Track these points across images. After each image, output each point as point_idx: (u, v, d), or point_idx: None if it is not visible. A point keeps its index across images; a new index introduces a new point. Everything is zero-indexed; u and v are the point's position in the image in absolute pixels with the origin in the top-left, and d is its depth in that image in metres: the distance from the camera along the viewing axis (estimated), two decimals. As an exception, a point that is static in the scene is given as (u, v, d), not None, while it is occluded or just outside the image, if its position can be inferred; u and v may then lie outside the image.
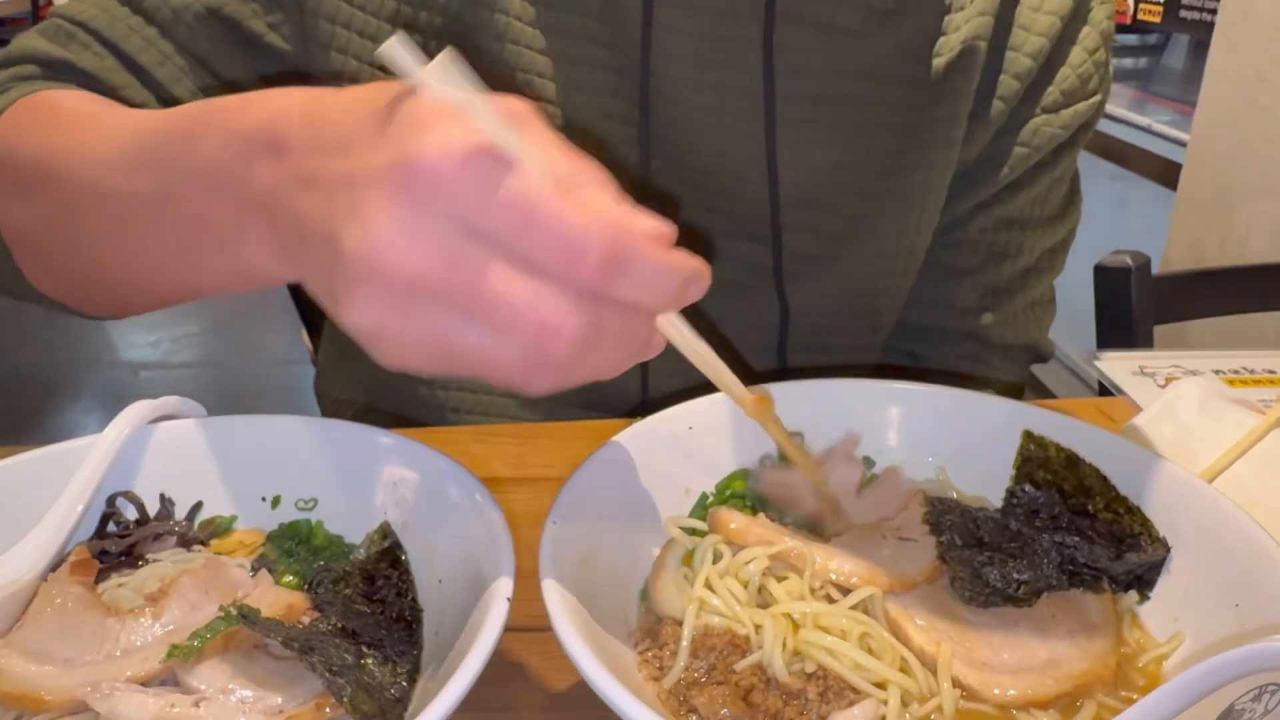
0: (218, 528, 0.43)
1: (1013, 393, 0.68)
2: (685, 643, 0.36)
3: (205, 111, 0.35)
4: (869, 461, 0.47)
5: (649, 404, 0.64)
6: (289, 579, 0.40)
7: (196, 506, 0.44)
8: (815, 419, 0.47)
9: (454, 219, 0.27)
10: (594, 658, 0.30)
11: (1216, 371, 0.73)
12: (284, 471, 0.45)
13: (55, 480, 0.41)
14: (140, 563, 0.40)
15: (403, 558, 0.40)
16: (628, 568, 0.40)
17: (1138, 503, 0.40)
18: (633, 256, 0.28)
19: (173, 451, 0.44)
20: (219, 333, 3.04)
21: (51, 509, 0.40)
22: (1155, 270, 1.68)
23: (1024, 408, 0.46)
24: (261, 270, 0.34)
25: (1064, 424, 0.44)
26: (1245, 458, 0.59)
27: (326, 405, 0.73)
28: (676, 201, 0.59)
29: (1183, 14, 2.11)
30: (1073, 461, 0.42)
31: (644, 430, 0.44)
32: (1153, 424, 0.62)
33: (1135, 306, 0.80)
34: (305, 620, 0.37)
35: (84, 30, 0.54)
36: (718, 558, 0.39)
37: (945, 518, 0.41)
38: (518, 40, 0.54)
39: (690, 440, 0.45)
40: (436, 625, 0.38)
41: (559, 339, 0.28)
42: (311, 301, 0.33)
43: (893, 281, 0.64)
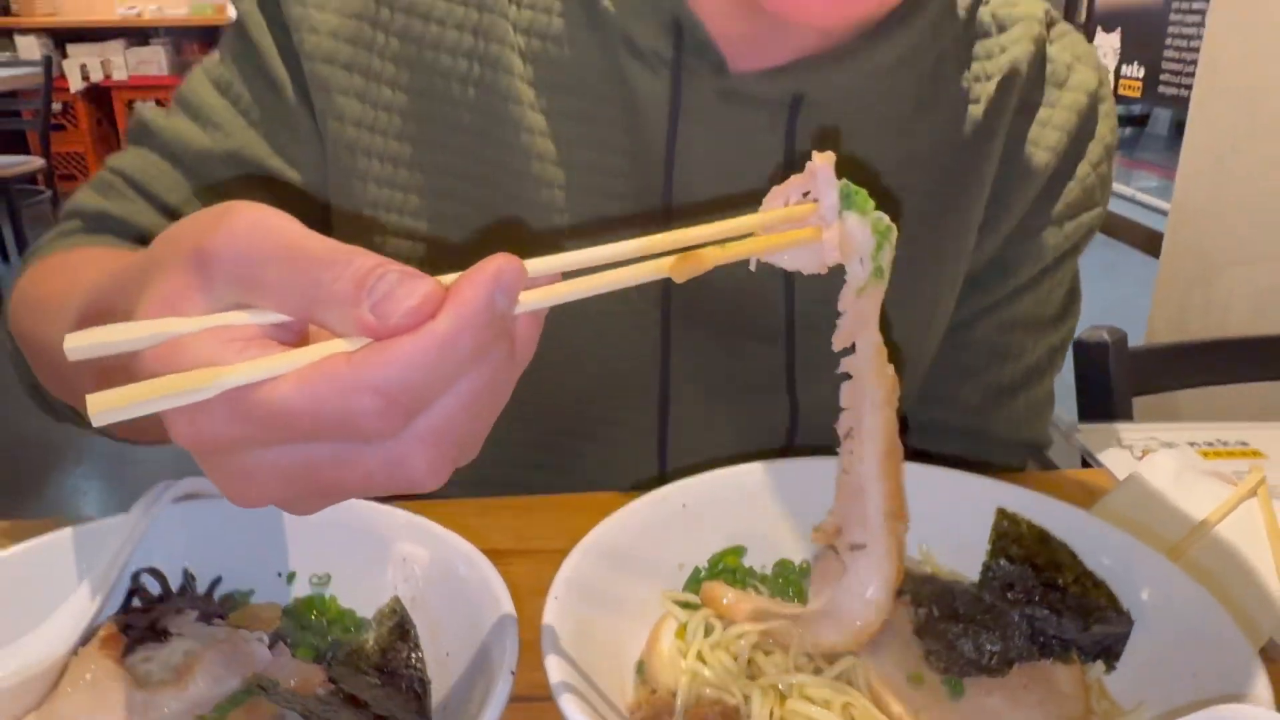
0: (235, 602, 0.46)
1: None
2: (679, 714, 0.38)
3: (103, 287, 0.37)
4: (853, 536, 0.50)
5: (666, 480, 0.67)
6: (304, 651, 0.43)
7: (216, 581, 0.46)
8: (796, 497, 0.49)
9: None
10: (593, 728, 0.33)
11: (1191, 443, 0.76)
12: (298, 548, 0.47)
13: (83, 558, 0.44)
14: (164, 636, 0.42)
15: (412, 631, 0.43)
16: (625, 640, 0.42)
17: (1104, 577, 0.43)
18: (409, 383, 0.26)
19: (193, 529, 0.47)
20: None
21: (80, 586, 0.43)
22: (1142, 336, 1.72)
23: (1001, 485, 0.49)
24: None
25: (1037, 502, 0.47)
26: (1218, 528, 0.62)
27: None
28: (696, 313, 0.61)
29: (1161, 89, 2.18)
30: (1044, 538, 0.44)
31: (640, 507, 0.46)
32: (1128, 496, 0.65)
33: (1114, 380, 0.84)
34: (321, 692, 0.39)
35: (122, 179, 0.59)
36: (709, 631, 0.41)
37: (923, 590, 0.43)
38: (542, 157, 0.57)
39: (684, 517, 0.48)
40: (444, 697, 0.40)
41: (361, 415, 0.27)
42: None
43: (904, 381, 0.67)
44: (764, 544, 0.49)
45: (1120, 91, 2.34)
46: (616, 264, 0.31)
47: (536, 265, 0.29)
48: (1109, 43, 2.44)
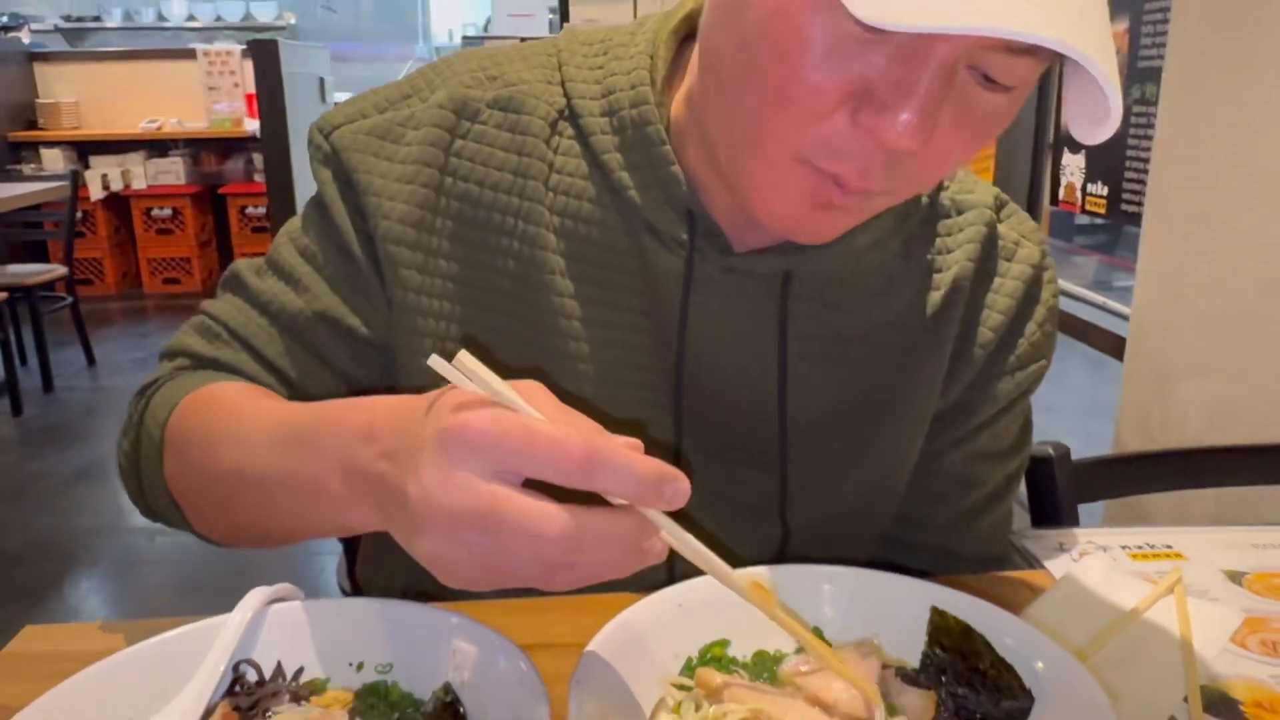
0: (316, 687, 0.56)
1: None
2: (676, 773, 0.49)
3: (321, 415, 0.53)
4: (818, 631, 0.60)
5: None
6: (375, 727, 0.53)
7: (299, 670, 0.57)
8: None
9: (477, 464, 0.42)
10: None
11: (1124, 547, 0.86)
12: (367, 642, 0.58)
13: (198, 650, 0.55)
14: (265, 715, 0.53)
15: (461, 709, 0.53)
16: (632, 716, 0.53)
17: (1012, 662, 0.54)
18: (606, 455, 0.41)
19: (281, 627, 0.58)
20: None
21: (198, 672, 0.54)
22: (1110, 443, 1.83)
23: (935, 587, 0.60)
24: (356, 525, 0.50)
25: (963, 600, 0.58)
26: (1138, 621, 0.73)
27: (370, 590, 0.86)
28: (703, 437, 0.73)
29: (1124, 206, 2.34)
30: (967, 630, 0.55)
31: (644, 607, 0.57)
32: (1063, 594, 0.76)
33: (1059, 490, 0.95)
34: (392, 757, 0.50)
35: (225, 329, 0.71)
36: (699, 707, 0.52)
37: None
38: (569, 316, 0.69)
39: (680, 614, 0.59)
40: (490, 761, 0.50)
41: (546, 538, 0.41)
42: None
43: (881, 505, 0.79)
44: (745, 637, 0.59)
45: (1087, 207, 2.51)
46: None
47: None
48: (1075, 163, 2.61)
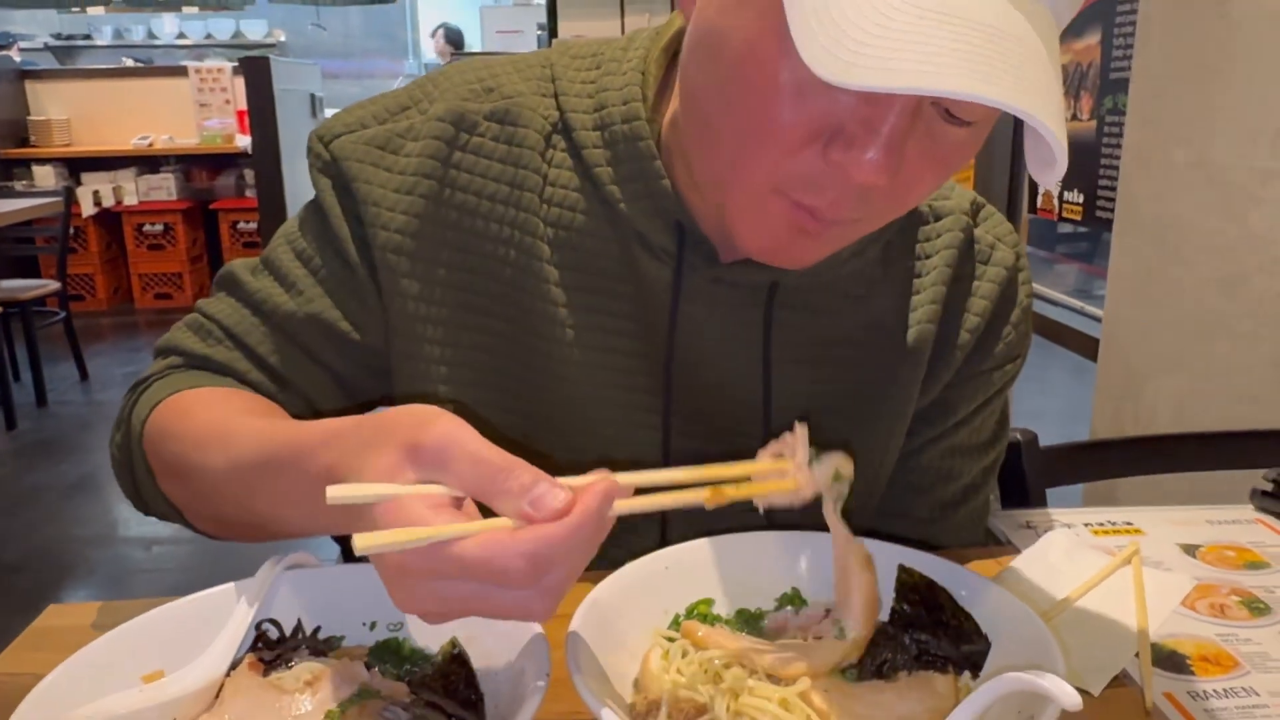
0: (333, 644, 0.61)
1: None
2: (664, 711, 0.54)
3: (296, 442, 0.55)
4: (795, 591, 0.66)
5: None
6: (388, 675, 0.58)
7: (317, 629, 0.62)
8: (751, 561, 0.65)
9: (416, 584, 0.43)
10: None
11: (1086, 524, 0.92)
12: (378, 603, 0.62)
13: (224, 609, 0.59)
14: (289, 665, 0.57)
15: (468, 660, 0.58)
16: (626, 663, 0.58)
17: (970, 611, 0.59)
18: (547, 556, 0.42)
19: (299, 591, 0.62)
20: (227, 508, 3.18)
21: (224, 629, 0.58)
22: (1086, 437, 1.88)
23: (905, 550, 0.65)
24: (332, 529, 0.54)
25: (926, 559, 0.63)
26: (1097, 589, 0.78)
27: None
28: (688, 446, 0.76)
29: (1098, 213, 2.41)
30: (930, 585, 0.60)
31: (634, 568, 0.62)
32: (1026, 565, 0.81)
33: (1027, 474, 1.00)
34: (406, 700, 0.54)
35: (218, 327, 0.73)
36: (686, 654, 0.57)
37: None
38: (563, 324, 0.71)
39: (667, 575, 0.64)
40: (496, 704, 0.55)
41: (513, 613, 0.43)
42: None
43: (863, 501, 0.82)
44: (728, 596, 0.65)
45: (1065, 214, 2.58)
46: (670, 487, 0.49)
47: (623, 478, 0.47)
48: (1052, 172, 2.67)
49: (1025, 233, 2.95)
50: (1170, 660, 0.68)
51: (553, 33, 3.77)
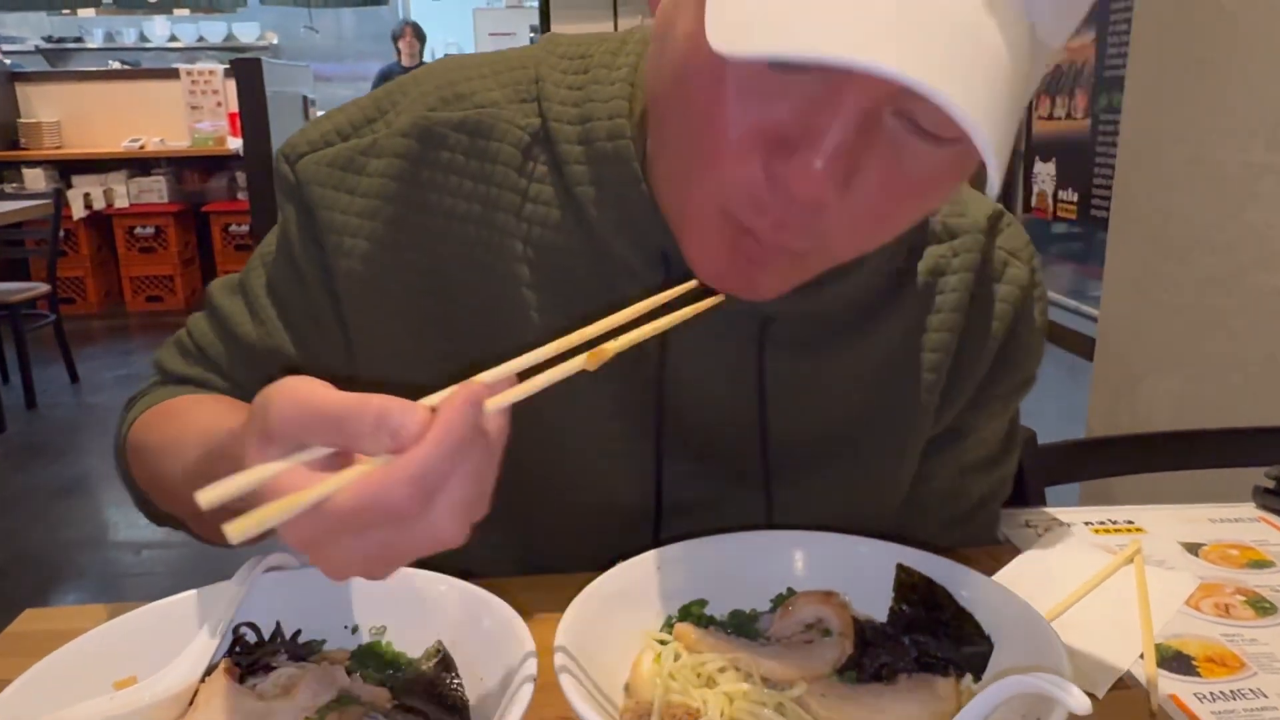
0: (313, 648, 0.59)
1: None
2: (656, 713, 0.52)
3: (227, 439, 0.52)
4: (790, 592, 0.64)
5: (662, 511, 0.75)
6: (370, 679, 0.56)
7: (296, 632, 0.60)
8: (746, 562, 0.63)
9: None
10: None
11: (1086, 523, 0.90)
12: (360, 606, 0.61)
13: (200, 613, 0.57)
14: (267, 670, 0.55)
15: (453, 664, 0.56)
16: (616, 666, 0.56)
17: (972, 611, 0.57)
18: (427, 476, 0.38)
19: (278, 593, 0.60)
20: (218, 512, 3.16)
21: (199, 633, 0.56)
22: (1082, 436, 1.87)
23: (903, 549, 0.63)
24: None
25: (925, 559, 0.61)
26: (1099, 588, 0.76)
27: None
28: (684, 453, 0.72)
29: (1093, 212, 2.40)
30: (930, 584, 0.59)
31: (626, 569, 0.61)
32: (1027, 565, 0.79)
33: (1025, 473, 0.99)
34: (388, 706, 0.52)
35: (196, 347, 0.75)
36: (678, 657, 0.55)
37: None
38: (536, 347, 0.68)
39: (659, 576, 0.62)
40: (480, 710, 0.53)
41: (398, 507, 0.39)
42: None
43: (872, 525, 0.76)
44: (721, 597, 0.63)
45: (1059, 214, 2.57)
46: (545, 364, 0.46)
47: (493, 374, 0.44)
48: (1046, 170, 2.66)
49: (1020, 232, 2.94)
50: (1175, 661, 0.66)
51: (545, 33, 3.77)
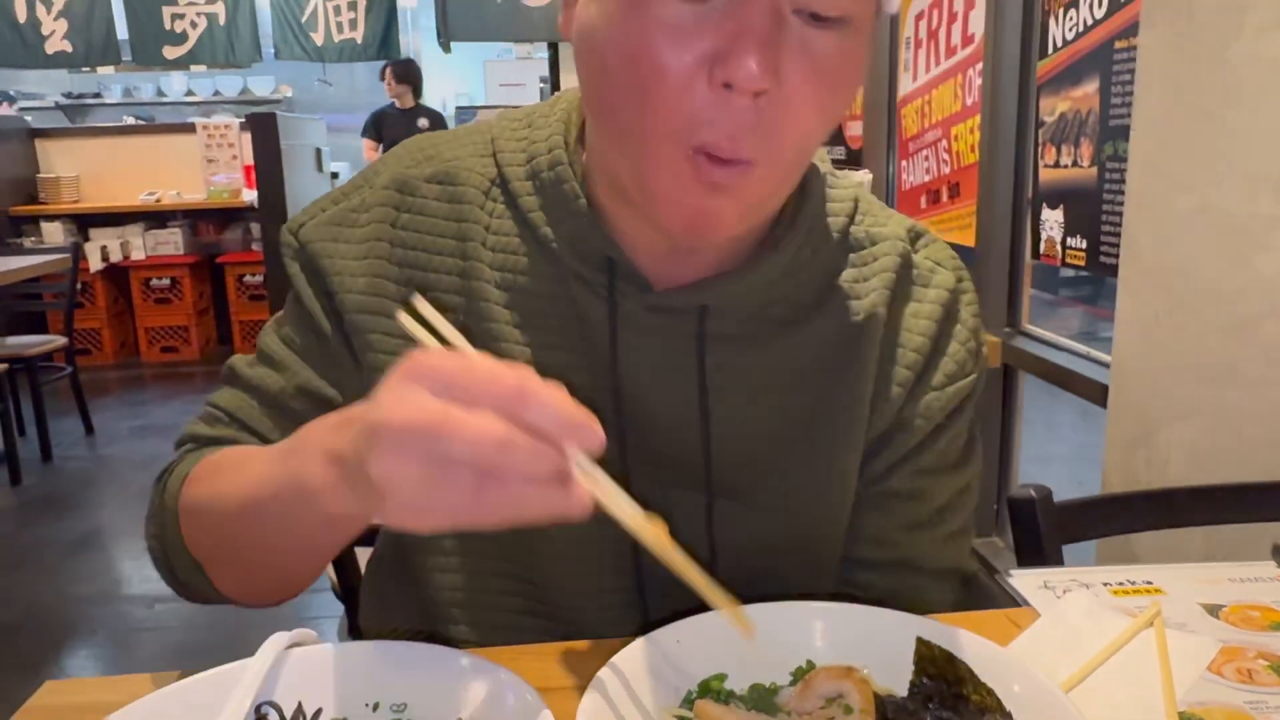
0: (335, 727, 0.59)
1: (955, 610, 0.84)
2: (678, 796, 0.52)
3: (305, 428, 0.59)
4: (810, 664, 0.64)
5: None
6: (392, 761, 0.56)
7: (318, 711, 0.60)
8: (765, 635, 0.63)
9: (426, 385, 0.46)
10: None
11: (1105, 584, 0.89)
12: (382, 683, 0.61)
13: (223, 691, 0.58)
14: (289, 752, 0.55)
15: (474, 744, 0.56)
16: (636, 745, 0.56)
17: (990, 684, 0.57)
18: (536, 388, 0.46)
19: (301, 670, 0.61)
20: (231, 565, 3.15)
21: (222, 713, 0.56)
22: (1099, 486, 1.86)
23: (924, 621, 0.63)
24: (337, 507, 0.54)
25: (945, 631, 0.61)
26: (1120, 653, 0.76)
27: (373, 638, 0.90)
28: (643, 473, 0.77)
29: (1101, 259, 2.41)
30: (950, 659, 0.59)
31: (643, 644, 0.61)
32: (1047, 628, 0.79)
33: (1042, 531, 0.98)
34: (410, 788, 0.53)
35: (224, 414, 0.80)
36: (699, 736, 0.55)
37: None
38: (514, 360, 0.71)
39: (679, 650, 0.62)
40: (502, 790, 0.53)
41: (485, 436, 0.44)
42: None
43: (823, 529, 0.81)
44: (742, 670, 0.63)
45: (1068, 260, 2.58)
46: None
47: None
48: (1054, 217, 2.68)
49: (1029, 277, 2.94)
50: (1199, 730, 0.66)
51: (555, 85, 3.81)
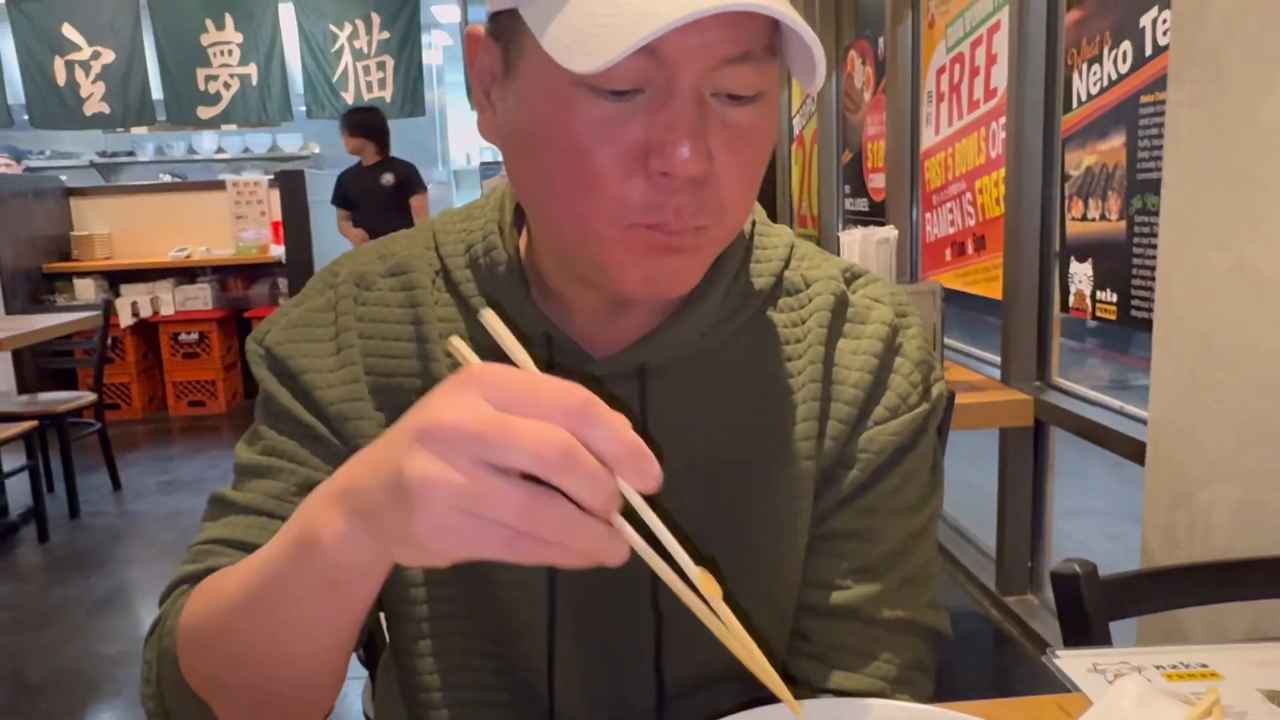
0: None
1: (918, 670, 0.80)
2: None
3: (299, 510, 0.55)
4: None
5: (665, 700, 0.80)
6: None
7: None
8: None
9: (485, 392, 0.45)
10: None
11: (1158, 667, 0.86)
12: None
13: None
14: None
15: None
16: None
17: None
18: (602, 410, 0.45)
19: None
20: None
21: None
22: (1134, 547, 1.81)
23: (960, 717, 0.61)
24: (350, 558, 0.50)
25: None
26: (1176, 745, 0.73)
27: None
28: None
29: (1133, 313, 2.38)
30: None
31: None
32: (1098, 718, 0.76)
33: (1088, 608, 0.95)
34: None
35: (217, 544, 0.74)
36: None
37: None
38: None
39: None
40: None
41: (552, 446, 0.42)
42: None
43: (776, 580, 0.79)
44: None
45: (1099, 314, 2.55)
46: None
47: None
48: (1083, 270, 2.66)
49: (1058, 330, 2.92)
50: (1267, 832, 0.63)
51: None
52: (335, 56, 6.72)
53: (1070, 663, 0.87)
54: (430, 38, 7.95)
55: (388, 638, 0.86)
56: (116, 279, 6.17)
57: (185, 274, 6.29)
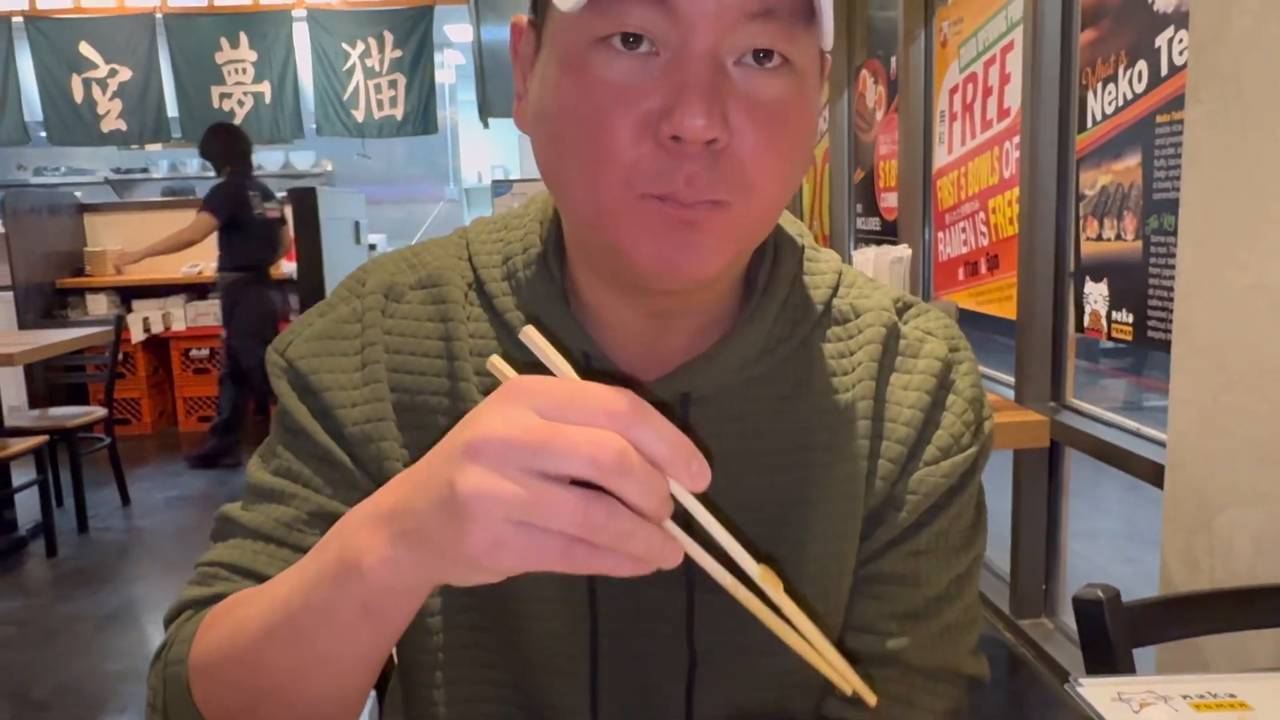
0: None
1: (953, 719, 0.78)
2: None
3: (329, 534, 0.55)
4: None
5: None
6: None
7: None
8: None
9: (534, 403, 0.44)
10: None
11: (1185, 696, 0.84)
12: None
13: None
14: None
15: None
16: None
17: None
18: (650, 411, 0.44)
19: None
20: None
21: None
22: (1153, 571, 1.79)
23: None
24: (388, 580, 0.49)
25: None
26: (1208, 779, 0.70)
27: None
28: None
29: (1150, 333, 2.36)
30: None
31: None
32: (1126, 750, 0.74)
33: (1111, 635, 0.93)
34: None
35: (221, 568, 0.71)
36: None
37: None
38: None
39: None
40: None
41: (606, 450, 0.42)
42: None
43: (828, 613, 0.76)
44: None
45: (1114, 335, 2.52)
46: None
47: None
48: (1099, 291, 2.63)
49: (1073, 350, 2.89)
50: None
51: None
52: (347, 75, 6.75)
53: (1094, 691, 0.85)
54: (443, 56, 7.99)
55: (396, 662, 0.84)
56: (129, 295, 6.20)
57: (197, 290, 6.31)
